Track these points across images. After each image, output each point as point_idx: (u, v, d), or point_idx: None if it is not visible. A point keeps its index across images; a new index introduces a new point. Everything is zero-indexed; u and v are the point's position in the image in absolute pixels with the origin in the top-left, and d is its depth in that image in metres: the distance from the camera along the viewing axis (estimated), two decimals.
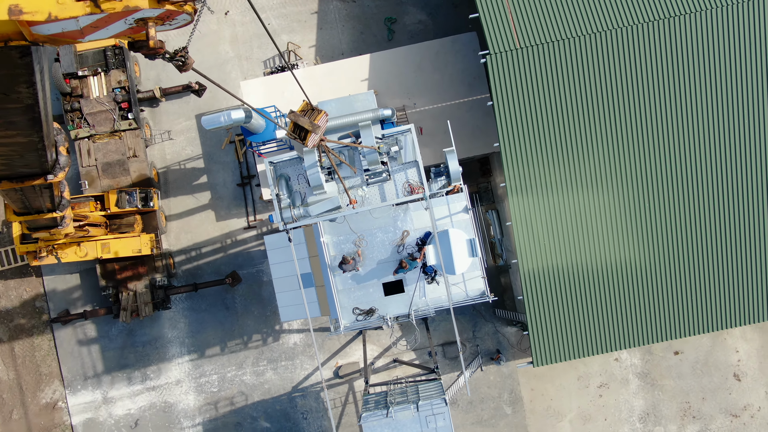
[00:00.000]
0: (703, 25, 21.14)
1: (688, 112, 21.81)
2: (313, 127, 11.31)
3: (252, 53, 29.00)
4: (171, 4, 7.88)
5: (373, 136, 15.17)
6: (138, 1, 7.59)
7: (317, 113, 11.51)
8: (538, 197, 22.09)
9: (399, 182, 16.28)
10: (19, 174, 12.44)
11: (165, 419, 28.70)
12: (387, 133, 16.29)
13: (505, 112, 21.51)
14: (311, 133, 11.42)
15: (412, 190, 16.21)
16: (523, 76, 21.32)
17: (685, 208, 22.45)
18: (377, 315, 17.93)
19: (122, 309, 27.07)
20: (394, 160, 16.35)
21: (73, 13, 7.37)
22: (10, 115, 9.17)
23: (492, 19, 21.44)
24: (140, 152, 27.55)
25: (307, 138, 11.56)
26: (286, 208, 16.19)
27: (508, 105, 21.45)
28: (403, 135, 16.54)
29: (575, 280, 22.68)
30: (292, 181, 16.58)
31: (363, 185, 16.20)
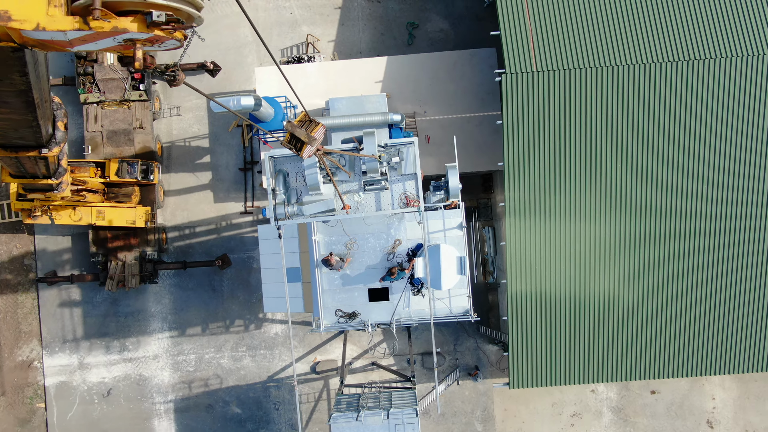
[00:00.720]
0: (715, 72, 21.11)
1: (693, 158, 21.78)
2: (310, 139, 11.33)
3: (271, 40, 28.95)
4: (160, 30, 7.91)
5: (375, 144, 15.16)
6: (127, 25, 7.62)
7: (315, 125, 11.51)
8: (535, 221, 22.07)
9: (396, 193, 16.26)
10: (14, 144, 12.46)
11: (138, 392, 28.71)
12: (390, 142, 16.27)
13: (513, 133, 21.48)
14: (307, 144, 11.44)
15: (408, 202, 16.20)
16: (535, 100, 21.28)
17: (679, 253, 22.43)
18: (359, 319, 17.91)
19: (109, 278, 27.07)
20: (394, 170, 16.34)
21: (62, 26, 7.40)
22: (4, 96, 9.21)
23: (512, 39, 21.40)
24: (147, 124, 27.52)
25: (303, 149, 11.58)
26: (280, 204, 16.17)
27: (517, 126, 21.42)
28: (406, 147, 16.51)
29: (562, 307, 22.67)
30: (290, 178, 16.57)
31: (360, 191, 16.18)
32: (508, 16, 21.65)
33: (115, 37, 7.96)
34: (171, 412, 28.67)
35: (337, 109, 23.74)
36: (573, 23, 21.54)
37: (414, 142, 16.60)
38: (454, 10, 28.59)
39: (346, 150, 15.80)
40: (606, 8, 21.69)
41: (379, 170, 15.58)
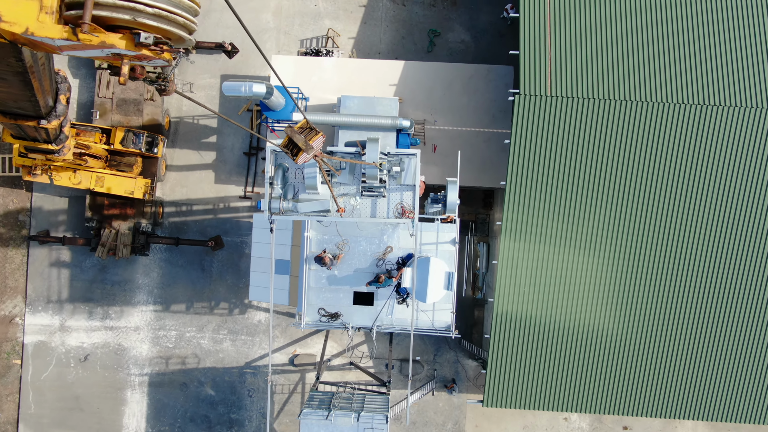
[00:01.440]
0: (725, 120, 21.09)
1: (691, 202, 21.77)
2: (307, 147, 11.37)
3: (292, 29, 28.93)
4: (148, 50, 7.96)
5: (378, 151, 15.14)
6: (115, 41, 7.64)
7: (314, 134, 11.54)
8: (529, 244, 22.06)
9: (392, 201, 16.24)
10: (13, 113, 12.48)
11: (115, 361, 28.74)
12: (393, 151, 16.25)
13: (519, 154, 21.46)
14: (303, 151, 11.48)
15: (403, 212, 16.18)
16: (545, 124, 21.26)
17: (666, 295, 22.43)
18: (341, 321, 17.90)
19: (101, 244, 27.08)
20: (394, 179, 16.31)
21: (51, 34, 7.42)
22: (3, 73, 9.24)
23: (531, 61, 21.37)
24: (157, 97, 27.50)
25: (299, 155, 11.61)
26: (276, 198, 16.16)
27: (524, 148, 21.40)
28: (408, 158, 16.48)
29: (545, 333, 22.67)
30: (289, 173, 16.55)
31: (357, 195, 16.16)
32: (529, 37, 21.62)
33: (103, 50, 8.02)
34: (145, 385, 28.69)
35: (348, 107, 23.71)
36: (592, 54, 21.51)
37: (417, 154, 16.57)
38: (477, 23, 28.56)
39: (347, 154, 15.79)
40: (626, 43, 21.66)
41: (379, 177, 15.56)
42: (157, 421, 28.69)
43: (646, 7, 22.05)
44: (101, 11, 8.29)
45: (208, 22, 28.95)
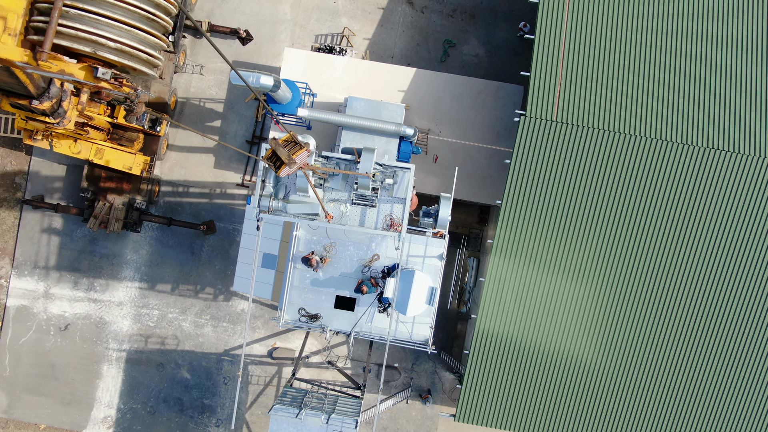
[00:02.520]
0: (728, 165, 21.08)
1: (686, 243, 21.76)
2: (289, 161, 11.36)
3: (308, 23, 28.89)
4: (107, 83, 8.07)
5: (372, 161, 15.09)
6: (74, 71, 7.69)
7: (299, 149, 11.51)
8: (519, 266, 22.05)
9: (382, 212, 16.21)
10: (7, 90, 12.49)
11: (94, 333, 28.72)
12: (388, 163, 16.20)
13: (518, 176, 21.44)
14: (285, 165, 11.47)
15: (392, 224, 16.15)
16: (548, 149, 21.24)
17: (652, 332, 22.43)
18: (320, 323, 17.89)
19: (93, 216, 27.05)
20: (386, 190, 16.27)
21: (11, 56, 7.47)
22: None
23: (540, 84, 21.34)
24: (167, 76, 27.42)
25: (281, 169, 11.61)
26: (266, 197, 16.11)
27: (523, 170, 21.38)
28: (403, 171, 16.44)
29: (524, 356, 22.66)
30: None
31: (348, 202, 16.12)
32: (542, 60, 21.59)
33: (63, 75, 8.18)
34: (122, 361, 28.69)
35: (354, 109, 23.68)
36: (602, 84, 21.48)
37: (411, 169, 16.52)
38: (493, 38, 28.52)
39: (342, 160, 15.72)
40: (638, 78, 21.64)
41: (371, 187, 15.52)
42: (130, 398, 28.69)
43: (662, 45, 22.03)
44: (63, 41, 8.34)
45: (226, 7, 28.90)
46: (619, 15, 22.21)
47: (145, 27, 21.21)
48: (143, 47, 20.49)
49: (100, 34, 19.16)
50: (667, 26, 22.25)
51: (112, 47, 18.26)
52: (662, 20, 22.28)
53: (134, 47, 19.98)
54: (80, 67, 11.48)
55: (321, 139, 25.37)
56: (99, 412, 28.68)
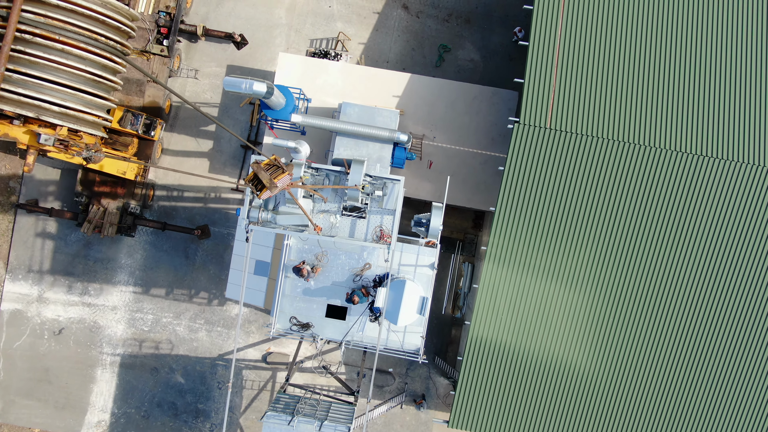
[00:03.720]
0: (721, 173, 21.06)
1: (680, 250, 21.74)
2: (271, 185, 11.38)
3: (303, 28, 28.84)
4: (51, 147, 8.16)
5: (362, 173, 15.05)
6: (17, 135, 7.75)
7: (281, 173, 11.50)
8: (513, 273, 22.02)
9: (372, 223, 16.18)
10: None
11: (88, 338, 28.69)
12: (377, 175, 16.15)
13: (511, 183, 21.41)
14: (267, 189, 11.48)
15: (381, 235, 16.12)
16: (541, 156, 21.21)
17: (646, 339, 22.41)
18: (311, 331, 17.86)
19: (87, 220, 27.00)
20: (376, 201, 16.23)
21: None
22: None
23: (534, 91, 21.31)
24: (161, 80, 27.39)
25: (262, 192, 11.62)
26: (255, 208, 16.08)
27: (517, 177, 21.35)
28: (393, 183, 16.40)
29: (518, 363, 22.64)
30: None
31: (338, 213, 16.08)
32: (536, 67, 21.56)
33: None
34: (116, 365, 28.66)
35: (348, 114, 23.64)
36: (596, 92, 21.46)
37: (401, 181, 16.48)
38: (488, 44, 28.49)
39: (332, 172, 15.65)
40: (632, 86, 21.62)
41: (361, 199, 15.48)
42: (124, 402, 28.66)
43: (656, 53, 22.00)
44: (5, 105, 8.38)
45: (221, 11, 28.86)
46: (613, 22, 22.19)
47: (91, 89, 20.80)
48: (89, 109, 20.14)
49: (44, 99, 18.71)
50: (661, 34, 22.23)
51: (56, 111, 18.02)
52: (656, 28, 22.27)
53: (80, 110, 19.57)
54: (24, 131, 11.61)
55: (315, 144, 25.33)
56: (93, 417, 28.65)
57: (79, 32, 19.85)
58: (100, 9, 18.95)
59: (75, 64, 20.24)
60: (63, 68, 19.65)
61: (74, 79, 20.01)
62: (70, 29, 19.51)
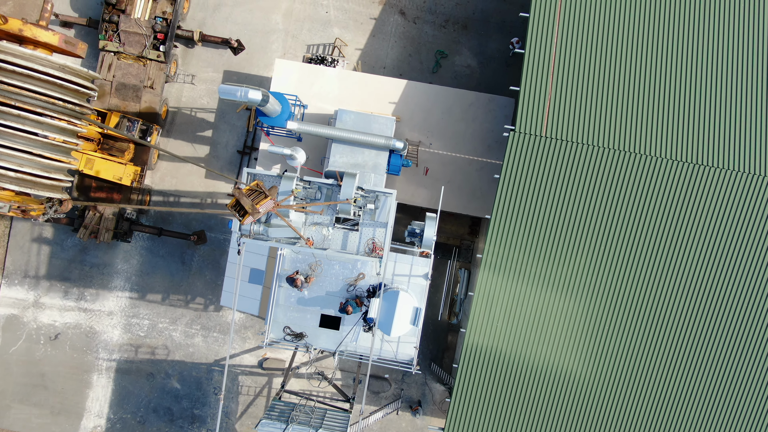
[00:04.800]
0: (717, 182, 21.03)
1: (676, 258, 21.70)
2: (253, 210, 11.41)
3: (300, 33, 28.82)
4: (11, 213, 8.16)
5: (353, 187, 15.03)
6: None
7: (263, 198, 11.51)
8: (508, 281, 22.00)
9: (365, 236, 16.16)
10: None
11: (85, 343, 28.67)
12: (369, 188, 16.14)
13: (507, 191, 21.39)
14: (249, 214, 11.50)
15: (374, 248, 16.09)
16: (537, 164, 21.19)
17: (642, 346, 22.38)
18: (305, 341, 17.84)
19: (83, 226, 26.98)
20: (368, 214, 16.21)
21: None
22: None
23: (530, 99, 21.28)
24: (158, 86, 27.40)
25: (245, 218, 11.63)
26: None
27: (512, 185, 21.33)
28: (385, 196, 16.38)
29: (514, 371, 22.62)
30: None
31: (330, 225, 16.08)
32: (532, 75, 21.53)
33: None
34: (112, 371, 28.64)
35: (344, 121, 23.63)
36: (593, 100, 21.43)
37: (393, 194, 16.43)
38: (485, 49, 28.47)
39: (324, 185, 15.54)
40: (628, 94, 21.60)
41: (353, 212, 15.47)
42: (120, 407, 28.64)
43: (653, 61, 21.98)
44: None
45: (218, 16, 28.84)
46: (610, 30, 22.17)
47: (49, 154, 19.33)
48: (47, 173, 19.00)
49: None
50: (658, 41, 22.20)
51: (12, 177, 17.20)
52: (652, 35, 22.24)
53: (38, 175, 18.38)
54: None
55: (311, 150, 25.31)
56: (89, 422, 28.63)
57: (37, 98, 18.48)
58: (59, 73, 18.08)
59: (32, 130, 18.78)
60: (20, 134, 18.45)
61: (32, 145, 18.81)
62: (27, 95, 18.28)
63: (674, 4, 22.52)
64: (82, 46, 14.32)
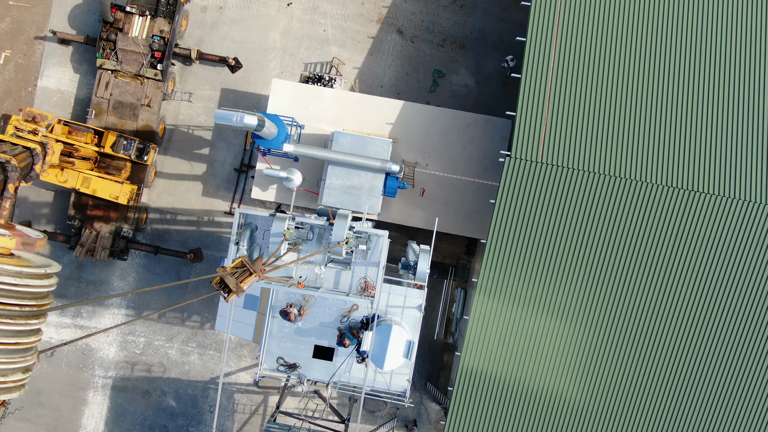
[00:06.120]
0: (713, 209, 20.99)
1: (672, 284, 21.68)
2: (237, 289, 11.53)
3: (298, 51, 28.82)
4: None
5: (345, 229, 15.02)
6: None
7: (247, 276, 11.60)
8: (503, 306, 21.98)
9: (357, 275, 16.16)
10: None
11: (81, 360, 28.66)
12: (360, 229, 16.13)
13: (502, 216, 21.37)
14: (234, 293, 11.63)
15: (366, 287, 16.09)
16: (533, 190, 21.17)
17: (637, 372, 22.35)
18: (298, 372, 17.83)
19: (80, 244, 26.96)
20: (360, 254, 16.21)
21: None
22: None
23: (526, 125, 21.27)
24: (155, 104, 27.40)
25: (229, 296, 11.74)
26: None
27: (508, 211, 21.31)
28: (377, 237, 16.37)
29: (509, 395, 22.59)
30: (257, 233, 16.44)
31: (322, 264, 16.07)
32: (528, 100, 21.51)
33: None
34: (108, 388, 28.63)
35: (341, 143, 23.64)
36: (589, 126, 21.41)
37: (385, 235, 16.43)
38: (483, 69, 28.46)
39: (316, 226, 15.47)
40: (625, 120, 21.57)
41: (344, 254, 15.47)
42: (115, 425, 28.62)
43: (650, 88, 21.96)
44: None
45: (216, 34, 28.85)
46: (606, 57, 22.15)
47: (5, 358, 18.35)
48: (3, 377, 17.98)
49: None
50: (655, 69, 22.18)
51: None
52: (650, 63, 22.21)
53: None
54: None
55: (308, 170, 25.31)
56: None
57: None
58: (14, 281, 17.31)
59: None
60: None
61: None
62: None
63: (670, 30, 22.51)
64: (41, 243, 13.65)
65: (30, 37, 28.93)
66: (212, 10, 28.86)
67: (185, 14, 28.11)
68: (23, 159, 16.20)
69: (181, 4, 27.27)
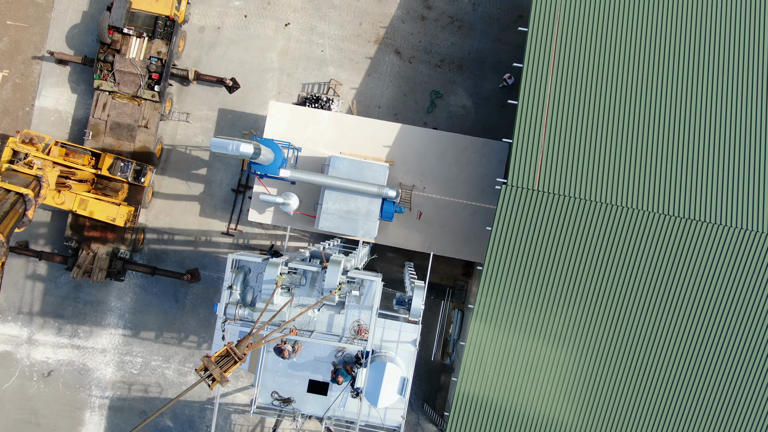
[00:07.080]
0: (709, 238, 20.96)
1: (668, 311, 21.64)
2: (221, 378, 11.70)
3: (295, 72, 28.81)
4: None
5: (337, 275, 14.99)
6: None
7: (232, 365, 11.75)
8: (500, 331, 21.95)
9: (350, 318, 16.14)
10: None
11: (78, 380, 28.65)
12: (353, 275, 16.10)
13: (499, 242, 21.35)
14: (218, 382, 11.79)
15: (359, 330, 16.07)
16: (529, 217, 21.14)
17: (633, 399, 22.31)
18: (292, 407, 17.80)
19: (77, 265, 26.96)
20: (354, 299, 16.19)
21: None
22: None
23: (523, 153, 21.24)
24: (152, 125, 27.41)
25: (213, 384, 11.89)
26: (232, 304, 16.04)
27: (504, 237, 21.29)
28: (369, 282, 16.34)
29: (505, 420, 22.56)
30: (251, 276, 16.43)
31: (315, 308, 16.04)
32: (525, 128, 21.49)
33: None
34: (105, 408, 28.61)
35: (337, 168, 23.63)
36: (585, 154, 21.38)
37: (377, 280, 16.44)
38: (480, 90, 28.43)
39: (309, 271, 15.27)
40: (622, 148, 21.53)
41: (337, 300, 15.45)
42: None
43: (646, 116, 21.93)
44: None
45: (213, 54, 28.84)
46: (603, 85, 22.12)
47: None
48: None
49: None
50: (652, 97, 22.15)
51: None
52: (647, 91, 22.19)
53: None
54: None
55: (305, 193, 25.30)
56: None
57: None
58: None
59: None
60: None
61: None
62: None
63: (668, 59, 22.48)
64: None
65: (28, 56, 28.94)
66: (210, 31, 28.87)
67: (183, 35, 28.12)
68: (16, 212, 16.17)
69: (178, 25, 27.29)
